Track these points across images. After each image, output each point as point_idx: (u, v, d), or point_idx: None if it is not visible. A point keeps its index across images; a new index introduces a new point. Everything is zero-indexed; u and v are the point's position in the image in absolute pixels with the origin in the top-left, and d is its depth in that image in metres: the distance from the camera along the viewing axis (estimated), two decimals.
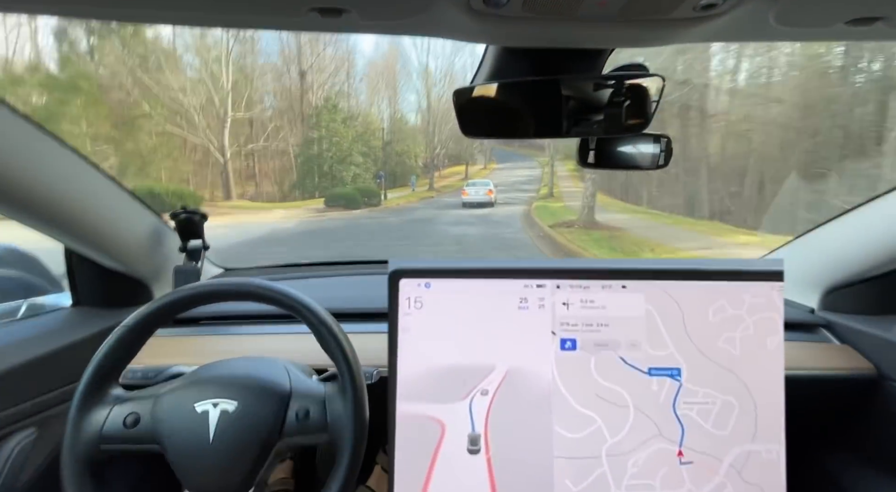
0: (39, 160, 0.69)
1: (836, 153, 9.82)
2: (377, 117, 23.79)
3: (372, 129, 24.16)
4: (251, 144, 21.02)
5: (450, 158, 31.98)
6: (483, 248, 9.39)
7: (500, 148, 37.56)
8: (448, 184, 26.76)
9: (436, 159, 27.02)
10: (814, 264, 1.00)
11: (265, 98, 22.08)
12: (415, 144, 27.35)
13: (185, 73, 18.64)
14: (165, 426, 0.59)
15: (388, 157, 25.66)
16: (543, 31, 0.50)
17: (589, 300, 0.58)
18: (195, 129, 17.97)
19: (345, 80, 24.99)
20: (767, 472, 0.56)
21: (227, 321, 1.04)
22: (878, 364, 0.87)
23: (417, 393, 0.58)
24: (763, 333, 0.58)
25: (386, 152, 25.56)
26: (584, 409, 0.57)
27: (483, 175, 29.44)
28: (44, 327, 0.84)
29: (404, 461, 0.58)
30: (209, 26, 0.51)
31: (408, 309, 0.59)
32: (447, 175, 29.97)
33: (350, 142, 21.57)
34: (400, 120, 28.76)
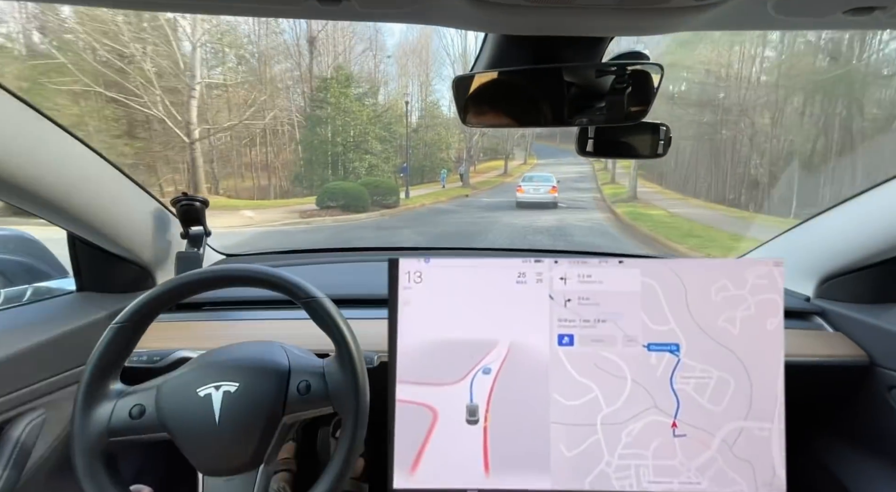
0: (41, 145, 0.70)
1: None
2: (403, 100, 19.40)
3: (397, 113, 19.26)
4: (238, 121, 15.12)
5: (485, 152, 29.22)
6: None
7: (540, 143, 35.30)
8: (485, 180, 23.35)
9: (471, 150, 23.65)
10: (810, 253, 1.01)
11: (257, 62, 16.15)
12: (448, 133, 23.07)
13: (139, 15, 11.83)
14: (171, 413, 0.61)
15: (415, 147, 21.14)
16: (543, 18, 0.50)
17: (586, 275, 0.59)
18: (153, 96, 12.03)
19: (367, 54, 19.95)
20: (758, 449, 0.58)
21: (229, 307, 1.05)
22: (870, 351, 0.88)
23: (419, 365, 0.60)
24: (763, 314, 0.59)
25: (412, 141, 20.70)
26: (583, 378, 0.59)
27: (524, 171, 26.04)
28: (49, 312, 0.85)
29: (403, 432, 0.59)
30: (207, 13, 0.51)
31: (408, 283, 0.60)
32: (483, 170, 26.68)
33: (365, 123, 16.90)
34: (432, 105, 24.24)
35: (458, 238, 8.84)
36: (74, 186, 0.76)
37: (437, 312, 0.60)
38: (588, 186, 21.25)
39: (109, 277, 0.97)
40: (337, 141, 16.43)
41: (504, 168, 26.93)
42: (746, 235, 8.83)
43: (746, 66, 15.50)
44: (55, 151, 0.72)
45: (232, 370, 0.63)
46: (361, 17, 0.49)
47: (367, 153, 16.63)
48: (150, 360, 0.78)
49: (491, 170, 27.29)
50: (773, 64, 14.43)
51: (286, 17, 0.51)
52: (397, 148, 18.95)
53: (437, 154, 22.30)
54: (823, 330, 0.96)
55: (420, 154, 21.84)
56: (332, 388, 0.63)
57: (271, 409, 0.62)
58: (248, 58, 15.95)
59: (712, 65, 15.63)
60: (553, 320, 0.59)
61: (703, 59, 15.62)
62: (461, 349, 0.60)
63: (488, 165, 28.62)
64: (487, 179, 23.94)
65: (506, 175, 26.03)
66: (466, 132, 21.75)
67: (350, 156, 16.51)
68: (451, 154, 23.51)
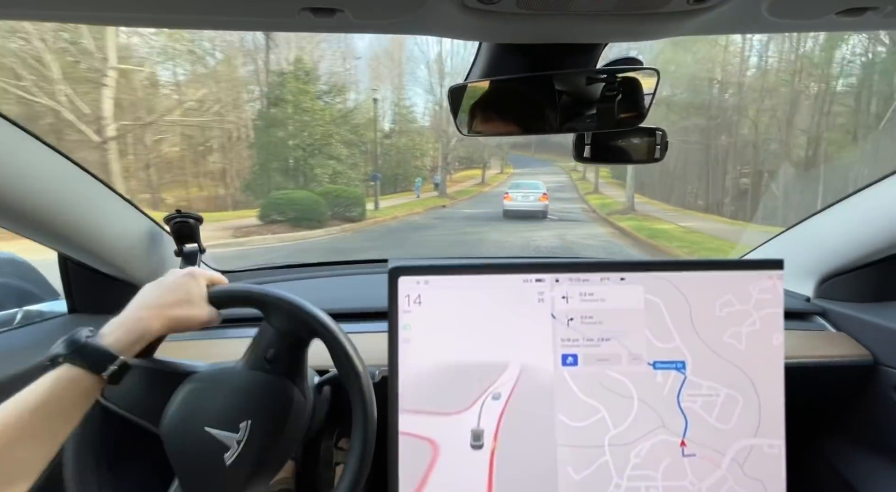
0: (29, 165, 0.68)
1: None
2: (372, 98, 17.41)
3: (367, 115, 17.20)
4: (167, 116, 12.02)
5: (460, 161, 28.43)
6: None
7: (516, 153, 34.94)
8: (462, 189, 22.34)
9: (448, 158, 22.06)
10: (809, 253, 1.01)
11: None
12: (422, 139, 21.76)
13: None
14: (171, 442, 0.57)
15: (388, 153, 19.92)
16: (537, 26, 0.50)
17: (588, 293, 0.58)
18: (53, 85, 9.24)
19: (334, 52, 17.32)
20: (769, 467, 0.57)
21: (229, 324, 1.03)
22: (873, 351, 0.88)
23: (421, 392, 0.58)
24: (769, 330, 0.58)
25: (384, 147, 19.57)
26: (589, 398, 0.58)
27: (500, 181, 26.34)
28: (40, 336, 0.83)
29: (406, 461, 0.58)
30: (199, 28, 0.51)
31: (407, 306, 0.59)
32: (459, 180, 26.10)
33: (329, 124, 14.44)
34: (406, 109, 22.81)
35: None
36: (64, 205, 0.75)
37: (438, 335, 0.59)
38: (570, 195, 20.91)
39: (102, 298, 0.95)
40: (296, 144, 14.02)
41: (482, 177, 26.45)
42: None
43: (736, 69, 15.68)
44: (44, 170, 0.71)
45: (242, 416, 0.58)
46: (356, 28, 0.49)
47: (330, 158, 14.30)
48: None
49: (468, 179, 26.68)
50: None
51: (279, 30, 0.51)
52: (366, 154, 17.07)
53: (412, 161, 20.85)
54: (825, 330, 0.96)
55: (393, 161, 20.22)
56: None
57: (283, 456, 0.60)
58: (196, 51, 13.25)
59: (701, 68, 15.78)
60: (556, 340, 0.58)
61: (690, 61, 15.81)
62: (468, 374, 0.58)
63: (465, 174, 28.17)
64: (465, 188, 23.00)
65: (483, 184, 25.33)
66: (442, 139, 20.45)
67: (311, 161, 14.12)
68: (426, 162, 22.02)
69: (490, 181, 26.97)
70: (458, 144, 22.98)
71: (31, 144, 0.68)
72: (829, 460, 0.96)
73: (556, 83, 0.65)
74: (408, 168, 20.41)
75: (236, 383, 0.60)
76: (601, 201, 17.61)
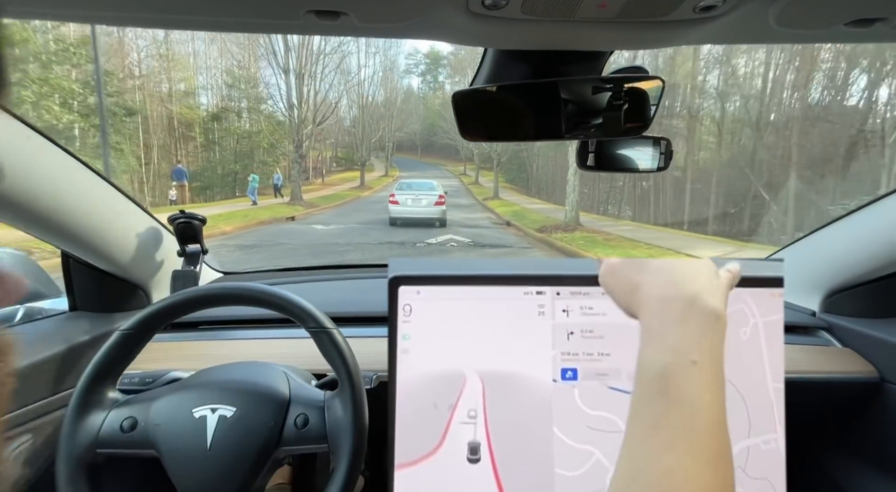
0: (35, 163, 0.69)
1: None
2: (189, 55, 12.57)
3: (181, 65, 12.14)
4: None
5: (338, 162, 26.05)
6: None
7: (400, 155, 33.38)
8: (333, 194, 17.68)
9: (301, 151, 15.24)
10: (815, 267, 1.00)
11: None
12: (271, 125, 16.05)
13: None
14: (162, 431, 0.59)
15: (222, 141, 14.19)
16: (542, 33, 0.50)
17: (588, 307, 0.58)
18: None
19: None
20: (769, 463, 0.56)
21: (226, 325, 1.03)
22: (879, 367, 0.86)
23: (417, 400, 0.58)
24: (735, 327, 0.57)
25: (214, 133, 14.21)
26: (582, 444, 0.57)
27: (385, 183, 22.65)
28: (40, 333, 0.83)
29: (404, 467, 0.57)
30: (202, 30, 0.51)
31: (407, 316, 0.58)
32: (334, 182, 22.42)
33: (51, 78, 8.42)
34: (242, 76, 16.61)
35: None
36: (68, 203, 0.75)
37: (437, 346, 0.58)
38: (468, 201, 17.98)
39: (103, 296, 0.95)
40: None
41: (360, 180, 22.24)
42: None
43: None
44: (50, 168, 0.71)
45: (231, 393, 0.61)
46: (361, 32, 0.49)
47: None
48: (143, 382, 0.75)
49: (345, 182, 22.86)
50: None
51: (284, 32, 0.51)
52: (164, 137, 11.67)
53: (256, 154, 14.72)
54: (831, 345, 0.95)
55: (229, 154, 14.78)
56: (330, 426, 0.61)
57: (265, 441, 0.60)
58: None
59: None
60: (556, 354, 0.58)
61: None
62: (458, 380, 0.58)
63: (342, 176, 24.96)
64: (338, 193, 18.22)
65: (363, 188, 21.08)
66: (291, 121, 14.29)
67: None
68: (276, 156, 16.21)
69: (372, 185, 23.10)
70: (330, 144, 20.66)
71: (35, 141, 0.68)
72: (832, 476, 0.94)
73: (562, 90, 0.65)
74: (253, 163, 14.49)
75: (224, 373, 0.65)
76: (509, 208, 15.65)
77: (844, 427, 0.95)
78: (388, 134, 27.17)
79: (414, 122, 33.03)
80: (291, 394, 0.64)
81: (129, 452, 0.59)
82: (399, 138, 32.13)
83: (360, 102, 26.20)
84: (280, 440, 0.61)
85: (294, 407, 0.62)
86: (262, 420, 0.60)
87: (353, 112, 26.35)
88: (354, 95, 25.51)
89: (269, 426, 0.60)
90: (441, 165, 31.52)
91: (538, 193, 21.52)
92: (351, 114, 26.70)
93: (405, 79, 43.90)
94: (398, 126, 28.62)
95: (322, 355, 0.63)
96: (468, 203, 17.70)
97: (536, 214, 14.40)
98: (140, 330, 0.62)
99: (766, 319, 0.57)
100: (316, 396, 0.64)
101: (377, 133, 25.01)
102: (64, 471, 0.56)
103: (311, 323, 0.63)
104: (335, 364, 0.62)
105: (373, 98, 26.86)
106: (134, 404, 0.62)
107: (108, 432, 0.59)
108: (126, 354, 0.62)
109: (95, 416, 0.59)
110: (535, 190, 22.17)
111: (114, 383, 0.63)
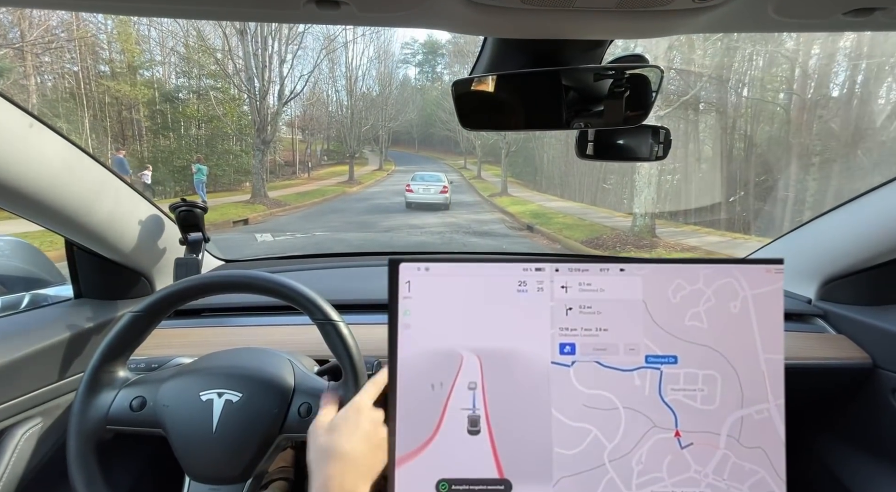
0: (37, 151, 0.69)
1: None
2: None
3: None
4: None
5: (330, 156, 23.85)
6: None
7: (397, 149, 32.12)
8: (316, 189, 15.68)
9: (267, 132, 11.62)
10: (812, 255, 1.01)
11: None
12: (236, 111, 12.98)
13: None
14: (170, 412, 0.61)
15: (176, 123, 11.55)
16: (542, 22, 0.50)
17: (587, 283, 0.59)
18: None
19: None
20: (764, 432, 0.57)
21: (229, 313, 1.05)
22: (872, 354, 0.88)
23: (417, 375, 0.59)
24: (724, 300, 0.58)
25: (156, 114, 11.37)
26: (579, 422, 0.58)
27: (378, 178, 21.37)
28: (46, 319, 0.84)
29: (404, 445, 0.59)
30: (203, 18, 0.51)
31: (407, 292, 0.60)
32: (321, 177, 20.11)
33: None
34: (200, 48, 13.21)
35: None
36: (72, 192, 0.76)
37: (437, 321, 0.60)
38: (471, 198, 15.86)
39: (107, 284, 0.97)
40: None
41: (349, 174, 19.53)
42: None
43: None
44: (53, 157, 0.72)
45: (237, 379, 0.63)
46: (361, 21, 0.49)
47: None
48: (149, 367, 0.77)
49: (334, 176, 20.27)
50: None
51: (284, 22, 0.51)
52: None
53: (220, 142, 12.19)
54: (825, 332, 0.96)
55: (187, 142, 11.63)
56: None
57: (269, 426, 0.62)
58: None
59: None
60: (555, 329, 0.59)
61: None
62: (458, 355, 0.59)
63: (332, 170, 22.30)
64: (321, 188, 16.17)
65: (351, 183, 18.52)
66: (256, 101, 11.51)
67: None
68: (240, 144, 13.13)
69: (363, 180, 20.34)
70: (312, 126, 17.77)
71: (38, 130, 0.69)
72: (825, 461, 0.96)
73: (563, 79, 0.65)
74: (212, 155, 11.75)
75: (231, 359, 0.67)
76: (524, 208, 13.19)
77: (835, 412, 0.97)
78: (382, 122, 24.81)
79: (410, 110, 30.74)
80: (296, 383, 0.65)
81: (138, 430, 0.61)
82: (395, 130, 29.89)
83: (349, 85, 23.02)
84: (283, 427, 0.62)
85: (298, 396, 0.64)
86: (267, 407, 0.62)
87: (340, 96, 23.42)
88: (340, 77, 23.01)
89: (274, 413, 0.62)
90: (439, 159, 29.51)
91: (547, 187, 19.67)
92: (337, 98, 23.60)
93: (402, 69, 42.00)
94: (392, 115, 26.19)
95: (326, 345, 0.64)
96: (473, 200, 15.64)
97: (561, 216, 11.95)
98: (150, 313, 0.63)
99: (757, 292, 0.58)
100: (320, 385, 0.66)
101: (368, 121, 22.79)
102: (74, 446, 0.58)
103: (317, 314, 0.63)
104: (340, 355, 0.63)
105: (363, 79, 24.56)
106: (143, 384, 0.63)
107: (117, 410, 0.60)
108: (135, 336, 0.64)
109: (106, 394, 0.61)
110: (544, 185, 20.26)
111: (124, 364, 0.65)
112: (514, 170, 22.89)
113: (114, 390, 0.62)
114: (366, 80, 25.47)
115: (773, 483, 0.57)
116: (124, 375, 0.64)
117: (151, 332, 0.65)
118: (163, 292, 0.64)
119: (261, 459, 0.62)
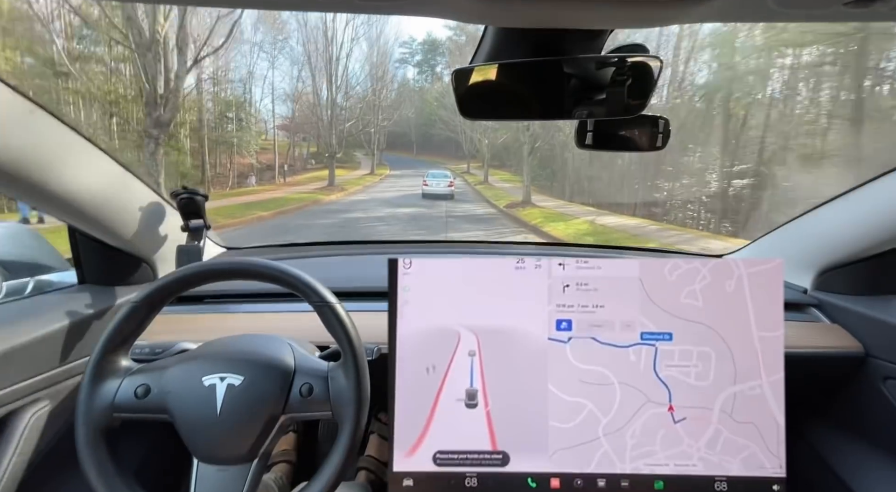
0: (42, 139, 0.69)
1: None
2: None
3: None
4: None
5: (317, 158, 20.87)
6: None
7: (393, 153, 31.10)
8: (274, 198, 12.62)
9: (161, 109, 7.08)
10: (808, 246, 1.02)
11: None
12: (138, 87, 7.99)
13: None
14: (174, 398, 0.62)
15: (60, 108, 7.33)
16: (541, 11, 0.50)
17: (584, 261, 0.60)
18: None
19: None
20: (756, 408, 0.59)
21: (231, 299, 1.06)
22: (865, 342, 0.89)
23: (416, 352, 0.60)
24: (720, 279, 0.59)
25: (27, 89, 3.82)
26: (575, 397, 0.59)
27: (367, 183, 19.04)
28: (50, 305, 0.85)
29: (403, 421, 0.60)
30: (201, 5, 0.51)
31: (407, 269, 0.61)
32: (299, 182, 17.37)
33: None
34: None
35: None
36: (74, 178, 0.76)
37: (435, 299, 0.61)
38: (482, 210, 12.48)
39: (110, 270, 0.98)
40: None
41: (329, 179, 16.83)
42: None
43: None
44: (57, 144, 0.72)
45: (239, 363, 0.64)
46: (360, 8, 0.49)
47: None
48: (153, 352, 0.78)
49: (314, 181, 17.51)
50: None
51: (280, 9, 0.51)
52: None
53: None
54: (820, 322, 0.97)
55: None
56: (333, 394, 0.64)
57: (272, 407, 0.63)
58: None
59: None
60: (552, 306, 0.60)
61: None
62: (457, 331, 0.60)
63: (314, 174, 19.16)
64: (287, 196, 13.45)
65: (330, 189, 15.85)
66: (150, 67, 7.42)
67: None
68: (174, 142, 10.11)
69: (347, 185, 17.28)
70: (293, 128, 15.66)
71: (39, 116, 0.69)
72: (817, 448, 0.98)
73: (565, 68, 0.65)
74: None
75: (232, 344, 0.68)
76: (570, 228, 8.96)
77: (830, 400, 0.98)
78: (374, 120, 20.97)
79: (407, 108, 27.89)
80: (296, 364, 0.66)
81: (144, 416, 0.62)
82: (391, 131, 26.05)
83: (328, 73, 18.27)
84: (286, 407, 0.63)
85: (299, 376, 0.65)
86: (269, 388, 0.63)
87: (318, 84, 18.78)
88: (319, 58, 18.40)
89: (276, 394, 0.63)
90: (439, 163, 26.31)
91: (573, 195, 15.26)
92: (314, 86, 18.90)
93: (400, 69, 38.72)
94: (386, 114, 22.16)
95: (325, 328, 0.66)
96: (485, 213, 11.53)
97: (635, 241, 8.16)
98: (150, 302, 0.64)
99: (752, 270, 0.59)
100: (320, 366, 0.67)
101: (356, 117, 19.57)
102: (83, 433, 0.59)
103: (314, 297, 0.65)
104: (338, 336, 0.64)
105: (346, 60, 19.23)
106: (146, 372, 0.65)
107: (123, 398, 0.62)
108: (137, 324, 0.65)
109: (111, 382, 0.62)
110: (568, 192, 15.74)
111: (126, 353, 0.66)
112: (530, 173, 17.24)
113: (118, 379, 0.63)
114: (350, 64, 21.81)
115: (765, 458, 0.58)
116: (127, 364, 0.65)
117: (152, 320, 0.66)
118: (163, 280, 0.65)
119: (265, 439, 0.63)
